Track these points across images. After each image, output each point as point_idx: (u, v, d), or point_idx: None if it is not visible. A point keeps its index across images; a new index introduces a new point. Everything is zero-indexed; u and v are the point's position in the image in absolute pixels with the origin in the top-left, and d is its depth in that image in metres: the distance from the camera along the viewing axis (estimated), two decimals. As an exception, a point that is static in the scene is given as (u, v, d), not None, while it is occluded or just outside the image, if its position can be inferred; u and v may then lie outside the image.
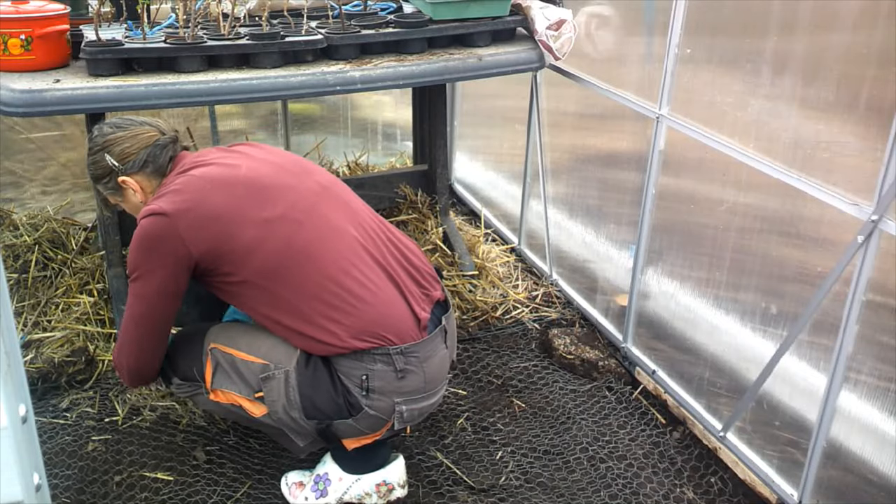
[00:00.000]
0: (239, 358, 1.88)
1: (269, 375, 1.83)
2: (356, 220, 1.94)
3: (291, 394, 1.82)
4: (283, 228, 1.82)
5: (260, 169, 1.89)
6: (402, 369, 1.83)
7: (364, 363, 1.82)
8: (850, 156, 1.77)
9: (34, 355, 2.48)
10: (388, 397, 1.84)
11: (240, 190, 1.83)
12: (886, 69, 1.64)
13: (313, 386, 1.83)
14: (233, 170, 1.87)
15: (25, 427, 0.73)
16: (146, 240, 1.78)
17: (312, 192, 1.91)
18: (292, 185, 1.89)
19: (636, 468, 2.20)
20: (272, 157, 1.97)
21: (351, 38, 2.39)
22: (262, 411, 1.86)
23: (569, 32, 2.55)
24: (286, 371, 1.83)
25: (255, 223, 1.80)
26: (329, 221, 1.88)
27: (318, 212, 1.88)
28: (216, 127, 3.60)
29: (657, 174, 2.36)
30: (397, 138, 4.00)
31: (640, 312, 2.55)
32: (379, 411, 1.84)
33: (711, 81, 2.14)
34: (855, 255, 1.73)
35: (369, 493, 1.98)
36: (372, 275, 1.86)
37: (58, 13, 2.23)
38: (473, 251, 3.14)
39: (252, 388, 1.86)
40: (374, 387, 1.82)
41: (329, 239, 1.86)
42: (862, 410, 1.80)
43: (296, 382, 1.82)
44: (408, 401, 1.86)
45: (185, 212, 1.77)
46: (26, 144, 3.29)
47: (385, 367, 1.82)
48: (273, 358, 1.85)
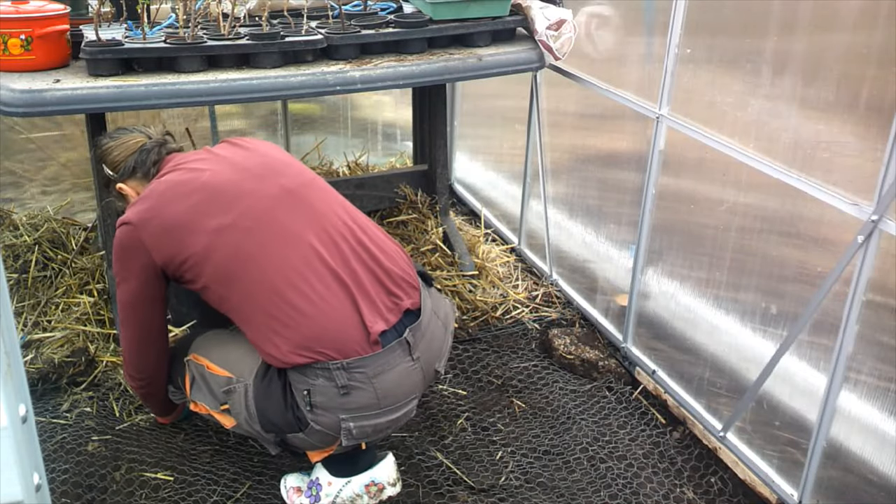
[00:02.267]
0: (208, 371, 1.94)
1: (230, 389, 1.88)
2: (319, 224, 1.86)
3: (250, 407, 1.85)
4: (233, 237, 1.81)
5: (222, 174, 1.90)
6: (344, 385, 1.75)
7: (307, 377, 1.77)
8: (850, 156, 1.77)
9: (34, 355, 2.48)
10: (333, 413, 1.77)
11: (195, 197, 1.85)
12: (886, 69, 1.64)
13: (267, 399, 1.82)
14: (196, 175, 1.89)
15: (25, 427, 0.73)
16: (118, 248, 1.88)
17: (271, 197, 1.86)
18: (251, 189, 1.86)
19: (636, 468, 2.20)
20: (244, 159, 1.95)
21: (351, 38, 2.39)
22: (232, 423, 1.91)
23: (569, 32, 2.55)
24: (245, 385, 1.86)
25: (206, 232, 1.81)
26: (284, 228, 1.83)
27: (273, 218, 1.84)
28: (216, 127, 3.60)
29: (657, 174, 2.36)
30: (397, 138, 4.00)
31: (640, 312, 2.55)
32: (325, 427, 1.79)
33: (711, 81, 2.14)
34: (855, 255, 1.73)
35: (360, 494, 1.95)
36: (320, 286, 1.79)
37: (58, 13, 2.23)
38: (473, 251, 3.14)
39: (218, 400, 1.92)
40: (317, 402, 1.77)
41: (279, 247, 1.81)
42: (862, 410, 1.80)
43: (252, 396, 1.84)
44: (356, 417, 1.79)
45: (146, 221, 1.84)
46: (26, 144, 3.29)
47: (326, 383, 1.76)
48: (237, 370, 1.89)
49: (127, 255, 1.87)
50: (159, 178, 1.93)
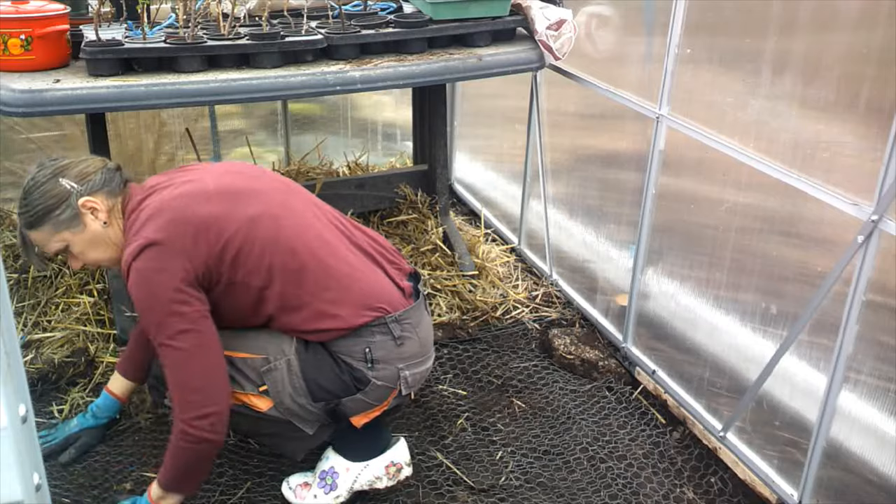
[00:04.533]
0: (237, 357, 1.89)
1: (270, 367, 1.87)
2: (322, 211, 2.01)
3: (296, 381, 1.87)
4: (267, 223, 1.85)
5: (224, 178, 1.91)
6: (399, 336, 1.91)
7: (363, 338, 1.88)
8: (850, 156, 1.77)
9: (34, 355, 2.48)
10: (392, 365, 1.91)
11: (216, 198, 1.84)
12: (886, 69, 1.64)
13: (317, 368, 1.88)
14: (201, 184, 1.87)
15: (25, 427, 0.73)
16: (148, 280, 1.73)
17: (278, 192, 1.95)
18: (260, 187, 1.93)
19: (636, 468, 2.20)
20: (227, 168, 2.01)
21: (351, 38, 2.39)
22: (268, 404, 1.89)
23: (569, 32, 2.55)
24: (287, 360, 1.87)
25: (239, 223, 1.82)
26: (303, 215, 1.93)
27: (293, 207, 1.93)
28: (216, 127, 3.60)
29: (657, 174, 2.36)
30: (397, 138, 4.00)
31: (640, 312, 2.55)
32: (385, 380, 1.91)
33: (711, 81, 2.14)
34: (855, 255, 1.73)
35: (380, 476, 2.02)
36: (353, 257, 1.94)
37: (58, 13, 2.23)
38: (473, 251, 3.14)
39: (255, 382, 1.89)
40: (378, 357, 1.89)
41: (310, 228, 1.91)
42: (862, 410, 1.80)
43: (298, 369, 1.87)
44: (409, 365, 1.95)
45: (175, 232, 1.76)
46: (26, 144, 3.29)
47: (384, 337, 1.90)
48: (271, 350, 1.89)
49: (164, 279, 1.73)
50: (144, 200, 1.84)
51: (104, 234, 1.87)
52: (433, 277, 2.95)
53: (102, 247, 1.89)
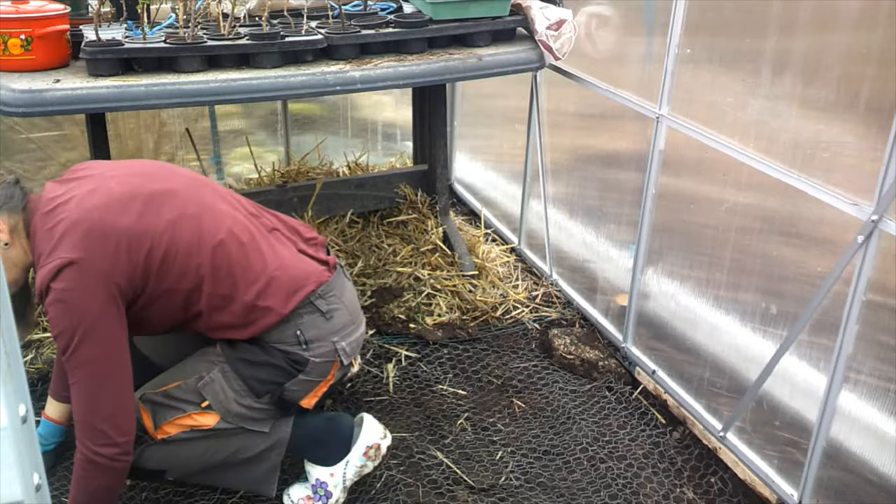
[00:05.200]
0: (170, 388, 1.89)
1: (206, 380, 1.87)
2: (232, 199, 1.96)
3: (234, 384, 1.86)
4: (187, 226, 1.79)
5: (131, 181, 1.80)
6: (327, 311, 1.91)
7: (292, 322, 1.87)
8: (850, 156, 1.77)
9: (34, 355, 2.48)
10: (326, 340, 1.91)
11: (131, 206, 1.74)
12: (886, 69, 1.64)
13: (250, 365, 1.87)
14: (109, 193, 1.75)
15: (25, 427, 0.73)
16: (66, 300, 1.64)
17: (190, 188, 1.88)
18: (170, 187, 1.84)
19: (636, 468, 2.20)
20: (128, 170, 1.88)
21: (351, 38, 2.38)
22: (215, 418, 1.88)
23: (569, 32, 2.55)
24: (220, 367, 1.87)
25: (160, 230, 1.74)
26: (218, 207, 1.88)
27: (205, 202, 1.87)
28: (216, 127, 3.60)
29: (657, 174, 2.36)
30: (397, 138, 4.00)
31: (640, 312, 2.55)
32: (323, 356, 1.91)
33: (711, 81, 2.14)
34: (855, 255, 1.73)
35: (363, 464, 2.02)
36: (272, 242, 1.92)
37: (58, 13, 2.22)
38: (473, 251, 3.14)
39: (195, 402, 1.87)
40: (311, 337, 1.89)
41: (227, 222, 1.86)
42: (862, 410, 1.80)
43: (233, 371, 1.87)
44: (343, 336, 1.94)
45: (93, 248, 1.66)
46: (26, 144, 3.29)
47: (312, 316, 1.89)
48: (200, 368, 1.89)
49: (83, 300, 1.64)
50: (49, 214, 1.72)
51: (5, 256, 1.74)
52: (433, 277, 2.95)
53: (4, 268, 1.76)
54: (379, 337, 2.72)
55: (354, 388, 2.47)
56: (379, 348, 2.66)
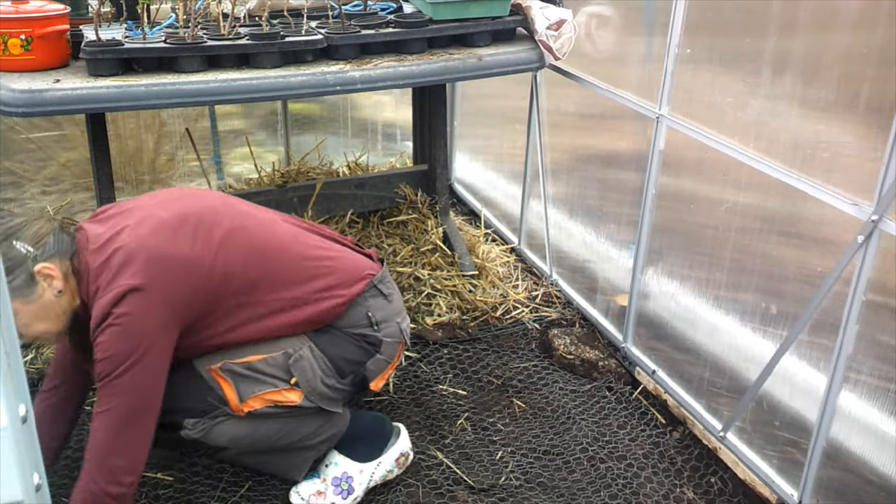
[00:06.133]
0: (255, 361, 1.89)
1: (296, 357, 1.90)
2: (267, 210, 2.03)
3: (322, 363, 1.93)
4: (239, 239, 1.83)
5: (174, 206, 1.82)
6: (388, 294, 2.04)
7: (360, 306, 1.98)
8: (850, 156, 1.77)
9: (34, 355, 2.48)
10: (392, 321, 2.04)
11: (183, 230, 1.75)
12: (886, 69, 1.64)
13: (335, 346, 1.95)
14: (158, 219, 1.76)
15: (25, 427, 0.73)
16: (130, 321, 1.62)
17: (227, 203, 1.94)
18: (209, 204, 1.87)
19: (636, 468, 2.20)
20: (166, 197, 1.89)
21: (351, 38, 2.38)
22: (300, 395, 1.92)
23: (569, 32, 2.55)
24: (308, 346, 1.93)
25: (214, 250, 1.77)
26: (259, 217, 1.95)
27: (246, 212, 1.93)
28: (216, 127, 3.60)
29: (657, 174, 2.36)
30: (397, 138, 4.00)
31: (640, 312, 2.55)
32: (392, 336, 2.03)
33: (711, 81, 2.14)
34: (855, 255, 1.73)
35: (391, 469, 2.09)
36: (319, 240, 2.02)
37: (58, 13, 2.23)
38: (473, 251, 3.14)
39: (284, 378, 1.91)
40: (380, 318, 2.00)
41: (274, 229, 1.94)
42: (862, 410, 1.80)
43: (320, 352, 1.93)
44: (401, 317, 2.08)
45: (155, 275, 1.66)
46: (26, 144, 3.29)
47: (376, 300, 2.01)
48: (288, 345, 1.92)
49: (144, 326, 1.64)
50: (106, 248, 1.69)
51: (56, 304, 1.69)
52: (433, 277, 2.95)
53: (52, 318, 1.71)
54: (379, 337, 2.72)
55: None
56: (379, 348, 2.66)
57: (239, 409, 1.89)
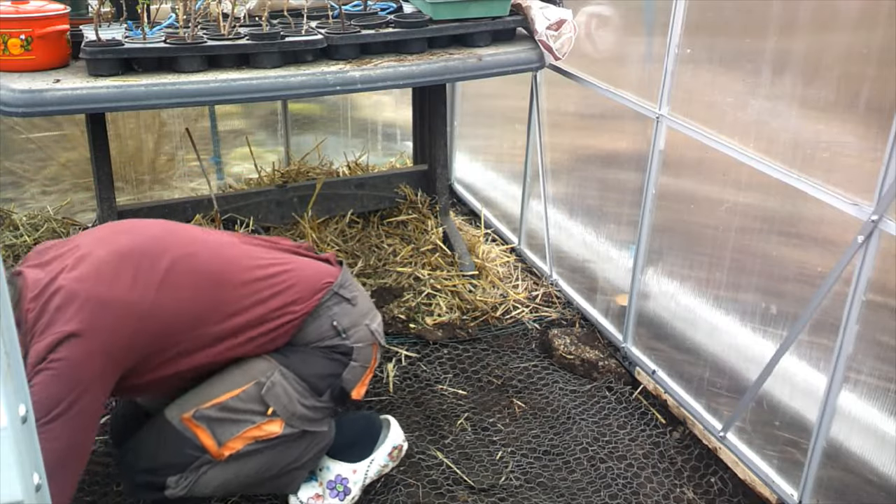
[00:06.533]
0: (228, 399, 1.81)
1: (268, 386, 1.82)
2: (213, 232, 1.94)
3: (296, 385, 1.86)
4: (186, 267, 1.73)
5: (114, 240, 1.72)
6: (350, 297, 1.96)
7: (324, 318, 1.91)
8: (850, 156, 1.77)
9: None
10: (359, 325, 1.96)
11: (123, 268, 1.66)
12: (886, 69, 1.64)
13: (306, 363, 1.88)
14: (96, 258, 1.67)
15: (25, 427, 0.72)
16: (64, 367, 1.54)
17: (170, 231, 1.83)
18: (153, 233, 1.78)
19: (636, 468, 2.20)
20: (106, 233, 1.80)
21: (351, 38, 2.38)
22: (281, 425, 1.85)
23: (569, 32, 2.55)
24: (278, 370, 1.85)
25: (156, 286, 1.68)
26: (208, 239, 1.85)
27: (194, 237, 1.83)
28: (216, 127, 3.60)
29: (657, 174, 2.36)
30: (397, 138, 4.00)
31: (640, 312, 2.55)
32: (362, 340, 1.96)
33: (711, 81, 2.14)
34: (855, 255, 1.73)
35: (385, 464, 2.08)
36: (273, 256, 1.93)
37: (58, 13, 2.23)
38: (473, 251, 3.14)
39: (260, 411, 1.83)
40: (346, 325, 1.93)
41: (226, 250, 1.84)
42: (862, 410, 1.80)
43: (292, 373, 1.86)
44: (370, 317, 2.00)
45: (93, 319, 1.58)
46: (26, 144, 3.29)
47: (339, 306, 1.94)
48: (255, 373, 1.83)
49: (76, 372, 1.55)
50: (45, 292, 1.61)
51: None
52: (433, 277, 2.95)
53: None
54: (379, 337, 2.72)
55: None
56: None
57: (220, 455, 1.81)
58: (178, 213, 2.89)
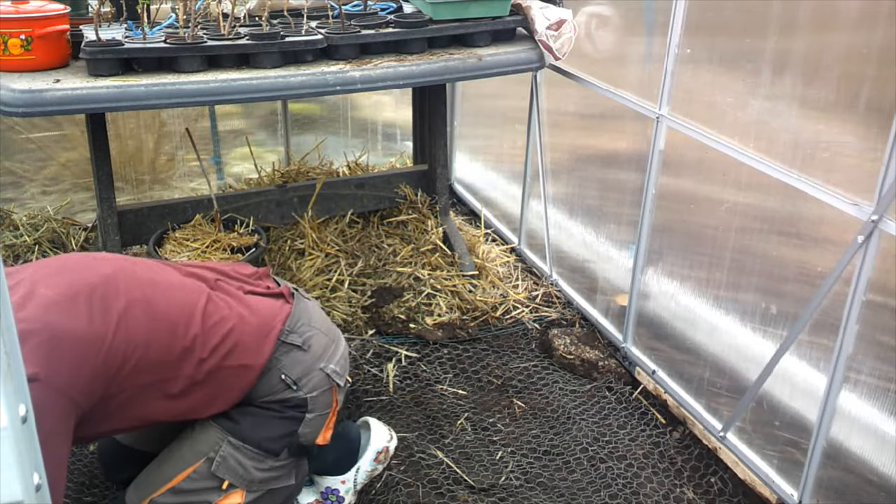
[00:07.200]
0: (179, 483, 1.73)
1: (218, 460, 1.73)
2: (170, 268, 1.79)
3: (248, 452, 1.75)
4: (139, 313, 1.58)
5: (60, 282, 1.54)
6: (302, 342, 1.79)
7: (273, 370, 1.76)
8: (850, 156, 1.77)
9: None
10: (313, 371, 1.80)
11: (76, 306, 1.51)
12: (886, 69, 1.64)
13: (256, 426, 1.76)
14: (41, 297, 1.50)
15: (25, 427, 0.72)
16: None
17: (125, 270, 1.67)
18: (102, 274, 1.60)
19: (636, 468, 2.20)
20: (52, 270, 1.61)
21: (351, 38, 2.38)
22: (241, 494, 1.76)
23: (569, 32, 2.55)
24: (226, 440, 1.74)
25: (114, 326, 1.53)
26: (161, 284, 1.69)
27: (148, 281, 1.67)
28: (216, 127, 3.60)
29: (657, 174, 2.36)
30: (397, 138, 4.00)
31: (640, 312, 2.55)
32: (318, 387, 1.81)
33: (711, 81, 2.14)
34: (855, 255, 1.73)
35: (373, 468, 2.05)
36: (224, 297, 1.77)
37: (58, 13, 2.23)
38: (473, 251, 3.14)
39: (214, 487, 1.74)
40: (297, 375, 1.78)
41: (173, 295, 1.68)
42: (862, 410, 1.80)
43: (240, 442, 1.74)
44: (325, 360, 1.83)
45: (46, 362, 1.42)
46: (26, 144, 3.29)
47: (289, 356, 1.77)
48: (203, 448, 1.74)
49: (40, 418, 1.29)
50: None
51: None
52: (433, 277, 2.95)
53: None
54: (379, 337, 2.72)
55: (355, 388, 2.47)
56: (379, 348, 2.66)
57: None
58: (178, 213, 2.89)
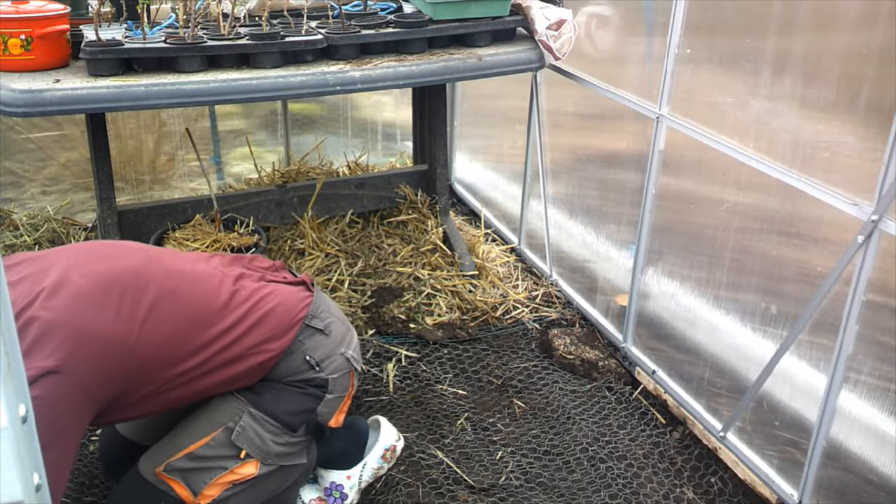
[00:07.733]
0: (197, 449, 1.75)
1: (238, 431, 1.77)
2: (195, 257, 1.85)
3: (267, 425, 1.79)
4: (167, 307, 1.62)
5: (93, 271, 1.57)
6: (324, 327, 1.87)
7: (296, 353, 1.82)
8: (850, 156, 1.77)
9: None
10: (334, 354, 1.88)
11: (106, 299, 1.53)
12: (886, 69, 1.64)
13: (277, 401, 1.80)
14: (75, 286, 1.52)
15: (25, 427, 0.72)
16: (42, 408, 1.38)
17: (154, 259, 1.71)
18: (134, 265, 1.64)
19: (636, 468, 2.20)
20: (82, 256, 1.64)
21: (351, 38, 2.38)
22: (256, 465, 1.79)
23: (569, 32, 2.55)
24: (247, 412, 1.78)
25: (140, 323, 1.56)
26: (184, 273, 1.72)
27: (173, 271, 1.70)
28: (216, 127, 3.60)
29: (657, 174, 2.36)
30: (397, 138, 4.00)
31: (640, 312, 2.55)
32: (339, 370, 1.88)
33: (711, 81, 2.14)
34: (855, 255, 1.73)
35: (380, 466, 2.06)
36: (250, 288, 1.81)
37: (58, 13, 2.23)
38: (473, 251, 3.14)
39: (232, 455, 1.77)
40: (320, 357, 1.85)
41: (201, 285, 1.73)
42: (862, 410, 1.80)
43: (263, 413, 1.78)
44: (346, 345, 1.91)
45: (74, 355, 1.44)
46: (26, 144, 3.29)
47: (312, 339, 1.85)
48: (224, 418, 1.77)
49: (53, 412, 1.41)
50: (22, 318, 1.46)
51: None
52: (433, 277, 2.95)
53: None
54: (379, 337, 2.72)
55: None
56: (379, 348, 2.66)
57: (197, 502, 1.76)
58: (178, 213, 2.89)
